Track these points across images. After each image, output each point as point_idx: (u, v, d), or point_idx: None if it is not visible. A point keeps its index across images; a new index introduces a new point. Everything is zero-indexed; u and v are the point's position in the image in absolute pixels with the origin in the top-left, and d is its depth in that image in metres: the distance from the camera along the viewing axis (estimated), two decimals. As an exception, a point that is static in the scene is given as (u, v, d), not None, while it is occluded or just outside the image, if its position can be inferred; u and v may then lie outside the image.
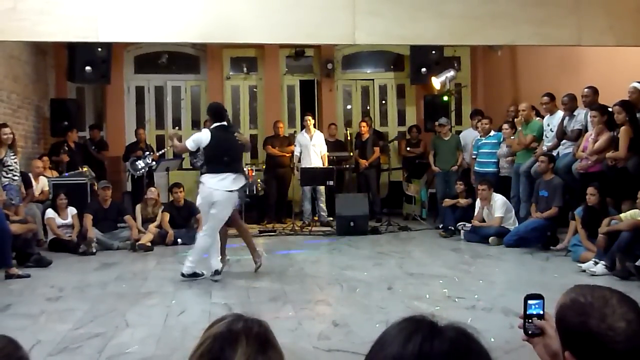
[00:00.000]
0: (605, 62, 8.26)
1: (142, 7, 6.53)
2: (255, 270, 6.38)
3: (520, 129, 8.53)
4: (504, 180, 8.87)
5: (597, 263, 6.05)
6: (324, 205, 10.11)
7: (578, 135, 7.68)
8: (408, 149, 11.23)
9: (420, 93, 11.96)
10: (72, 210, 8.26)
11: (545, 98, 8.28)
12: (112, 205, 8.59)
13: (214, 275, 6.03)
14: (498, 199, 8.32)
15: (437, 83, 10.58)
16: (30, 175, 8.49)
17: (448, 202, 9.09)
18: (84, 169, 9.36)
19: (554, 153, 8.02)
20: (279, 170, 10.56)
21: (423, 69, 10.97)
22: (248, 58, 12.02)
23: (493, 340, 3.74)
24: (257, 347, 1.18)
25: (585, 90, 7.59)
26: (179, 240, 8.33)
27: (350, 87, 12.46)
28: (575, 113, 7.80)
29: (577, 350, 1.34)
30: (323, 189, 10.08)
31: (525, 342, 1.63)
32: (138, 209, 8.73)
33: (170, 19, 6.58)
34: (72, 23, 6.31)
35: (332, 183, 9.69)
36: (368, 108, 12.43)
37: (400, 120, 12.44)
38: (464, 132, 10.60)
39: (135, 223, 8.44)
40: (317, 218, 10.18)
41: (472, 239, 8.28)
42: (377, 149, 10.70)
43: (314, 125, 10.47)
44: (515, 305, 4.24)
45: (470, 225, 8.43)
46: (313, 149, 10.12)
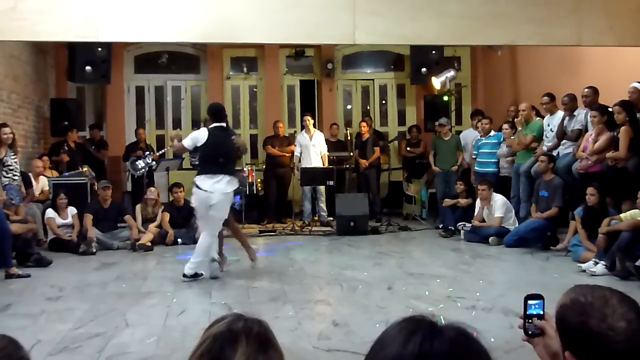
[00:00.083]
0: (605, 62, 8.26)
1: (142, 7, 6.53)
2: (252, 267, 6.49)
3: (520, 129, 8.53)
4: (504, 180, 8.87)
5: (597, 263, 6.05)
6: (324, 205, 10.10)
7: (578, 135, 7.68)
8: (408, 149, 11.23)
9: (421, 93, 11.95)
10: (72, 210, 8.26)
11: (546, 98, 8.28)
12: (112, 205, 8.59)
13: (212, 262, 6.11)
14: (498, 199, 8.32)
15: (437, 83, 10.58)
16: (30, 175, 8.49)
17: (448, 202, 9.09)
18: (84, 169, 9.35)
19: (554, 153, 8.02)
20: (279, 170, 10.56)
21: (423, 69, 10.97)
22: (248, 58, 12.02)
23: (493, 340, 3.74)
24: (257, 346, 1.18)
25: (586, 90, 7.59)
26: (179, 240, 8.33)
27: (351, 87, 12.46)
28: (576, 113, 7.80)
29: (577, 350, 1.34)
30: (323, 189, 10.08)
31: (525, 342, 1.63)
32: (138, 209, 8.74)
33: (171, 19, 6.58)
34: (72, 23, 6.31)
35: (332, 183, 9.68)
36: (368, 108, 12.43)
37: (400, 120, 12.44)
38: (464, 132, 10.60)
39: (135, 223, 8.44)
40: (317, 218, 10.18)
41: (472, 239, 8.27)
42: (377, 149, 10.70)
43: (314, 125, 10.48)
44: (515, 305, 4.25)
45: (470, 225, 8.43)
46: (313, 149, 10.12)
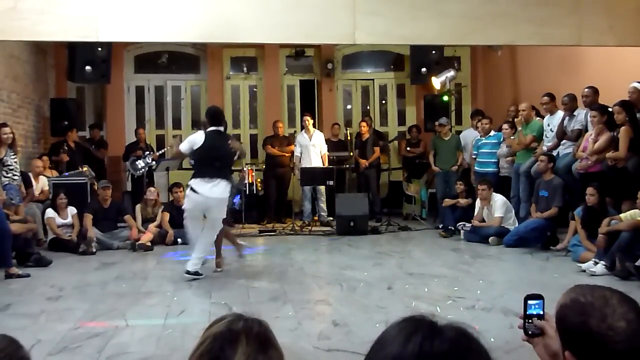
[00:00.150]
0: (605, 62, 8.26)
1: (142, 6, 6.53)
2: (240, 257, 6.79)
3: (520, 129, 8.53)
4: (504, 180, 8.87)
5: (597, 263, 6.05)
6: (325, 205, 10.10)
7: (578, 135, 7.68)
8: (408, 149, 11.22)
9: (420, 93, 11.95)
10: (72, 210, 8.25)
11: (546, 98, 8.28)
12: (112, 205, 8.59)
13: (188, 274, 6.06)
14: (498, 199, 8.32)
15: (437, 83, 10.58)
16: (30, 175, 8.49)
17: (448, 202, 9.09)
18: (84, 169, 9.35)
19: (554, 153, 8.02)
20: (279, 170, 10.55)
21: (423, 69, 10.96)
22: (248, 58, 12.02)
23: (493, 340, 3.74)
24: (257, 346, 1.18)
25: (586, 90, 7.59)
26: (179, 240, 8.31)
27: (351, 87, 12.46)
28: (576, 113, 7.80)
29: (577, 350, 1.34)
30: (324, 189, 10.07)
31: (525, 342, 1.63)
32: (138, 209, 8.73)
33: (171, 19, 6.58)
34: (72, 23, 6.31)
35: (332, 183, 9.68)
36: (368, 108, 12.43)
37: (400, 120, 12.44)
38: (464, 132, 10.60)
39: (135, 223, 8.45)
40: (317, 218, 10.18)
41: (472, 239, 8.27)
42: (377, 149, 10.70)
43: (314, 125, 10.48)
44: (515, 305, 4.24)
45: (470, 225, 8.42)
46: (313, 149, 10.11)
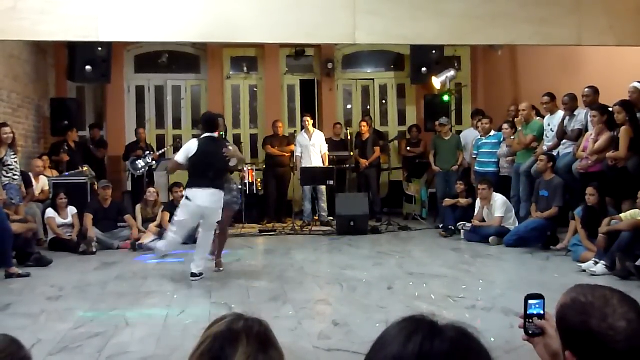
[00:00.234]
0: (605, 62, 8.26)
1: (142, 6, 6.53)
2: (216, 271, 6.46)
3: (521, 129, 8.53)
4: (504, 180, 8.86)
5: (597, 263, 6.05)
6: (325, 205, 10.10)
7: (578, 135, 7.68)
8: (408, 149, 11.22)
9: (421, 93, 11.95)
10: (72, 210, 8.25)
11: (546, 98, 8.28)
12: (112, 205, 8.59)
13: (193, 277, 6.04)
14: (498, 199, 8.32)
15: (437, 83, 10.58)
16: (31, 175, 8.49)
17: (448, 202, 9.08)
18: (84, 169, 9.34)
19: (555, 153, 8.02)
20: (279, 170, 10.55)
21: (423, 69, 10.96)
22: (248, 58, 12.02)
23: (493, 340, 3.74)
24: (257, 346, 1.18)
25: (586, 90, 7.59)
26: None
27: (351, 86, 12.46)
28: (576, 113, 7.79)
29: (577, 350, 1.34)
30: (324, 189, 10.06)
31: (526, 342, 1.63)
32: (138, 209, 8.73)
33: (171, 19, 6.58)
34: (72, 22, 6.31)
35: (332, 183, 9.67)
36: (368, 108, 12.42)
37: (401, 120, 12.44)
38: (465, 131, 10.61)
39: (136, 223, 8.45)
40: (317, 218, 10.18)
41: (472, 239, 8.27)
42: (377, 149, 10.69)
43: (314, 125, 10.47)
44: (516, 305, 4.24)
45: (471, 225, 8.42)
46: (313, 149, 10.11)
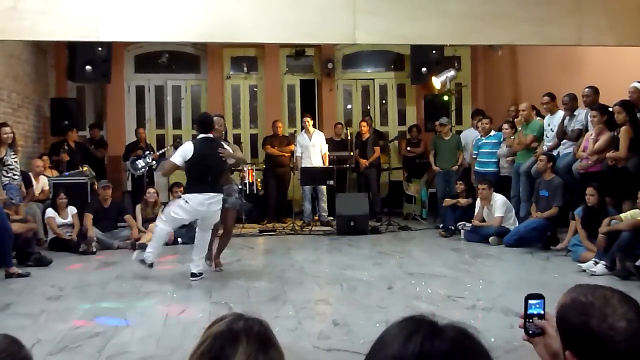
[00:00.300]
0: (606, 62, 8.26)
1: (142, 6, 6.52)
2: (211, 268, 6.45)
3: (521, 129, 8.53)
4: (504, 180, 8.86)
5: (597, 263, 6.05)
6: (325, 205, 10.09)
7: (578, 135, 7.68)
8: (408, 149, 11.22)
9: (421, 93, 11.94)
10: (72, 210, 8.25)
11: (546, 98, 8.28)
12: (112, 205, 8.59)
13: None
14: (498, 199, 8.32)
15: (437, 83, 10.58)
16: (31, 175, 8.49)
17: (448, 201, 9.08)
18: (84, 168, 9.34)
19: (555, 153, 8.02)
20: (278, 170, 10.55)
21: (423, 69, 10.96)
22: (248, 57, 12.02)
23: (493, 340, 3.74)
24: (257, 346, 1.18)
25: (586, 90, 7.58)
26: (179, 240, 8.32)
27: (351, 86, 12.45)
28: (576, 113, 7.79)
29: (577, 350, 1.34)
30: (324, 189, 10.06)
31: (526, 341, 1.63)
32: (138, 209, 8.73)
33: (171, 19, 6.58)
34: (72, 22, 6.31)
35: (332, 183, 9.67)
36: (368, 108, 12.42)
37: (401, 120, 12.43)
38: (465, 131, 10.61)
39: (136, 222, 8.45)
40: (317, 218, 10.18)
41: (472, 239, 8.27)
42: (377, 149, 10.69)
43: (314, 125, 10.47)
44: (516, 305, 4.24)
45: (471, 225, 8.42)
46: (313, 150, 10.11)
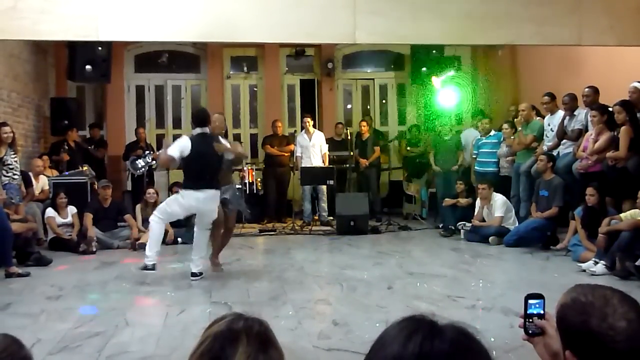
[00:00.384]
0: (605, 62, 8.26)
1: (142, 6, 6.53)
2: (215, 270, 6.39)
3: (521, 129, 8.53)
4: (504, 180, 8.87)
5: (597, 263, 6.05)
6: (325, 205, 10.09)
7: (578, 135, 7.68)
8: (408, 149, 11.22)
9: (421, 93, 11.94)
10: (72, 209, 8.25)
11: (546, 98, 8.28)
12: (112, 205, 8.59)
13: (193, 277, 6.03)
14: (498, 199, 8.32)
15: (437, 83, 10.58)
16: (31, 174, 8.48)
17: (448, 201, 9.08)
18: (84, 168, 9.34)
19: (555, 153, 8.02)
20: (278, 170, 10.55)
21: (423, 69, 10.96)
22: (248, 57, 12.02)
23: (493, 340, 3.74)
24: (257, 346, 1.18)
25: (586, 90, 7.58)
26: (179, 240, 8.32)
27: (351, 86, 12.45)
28: (576, 113, 7.79)
29: (577, 350, 1.33)
30: (324, 189, 10.06)
31: (526, 341, 1.63)
32: (138, 209, 8.72)
33: (171, 18, 6.59)
34: (72, 22, 6.31)
35: (332, 182, 9.66)
36: (368, 107, 12.42)
37: (401, 120, 12.44)
38: (465, 131, 10.62)
39: (136, 222, 8.44)
40: (317, 217, 10.18)
41: (472, 239, 8.27)
42: (377, 149, 10.70)
43: (314, 125, 10.47)
44: (515, 305, 4.24)
45: (471, 225, 8.42)
46: (313, 150, 10.11)
